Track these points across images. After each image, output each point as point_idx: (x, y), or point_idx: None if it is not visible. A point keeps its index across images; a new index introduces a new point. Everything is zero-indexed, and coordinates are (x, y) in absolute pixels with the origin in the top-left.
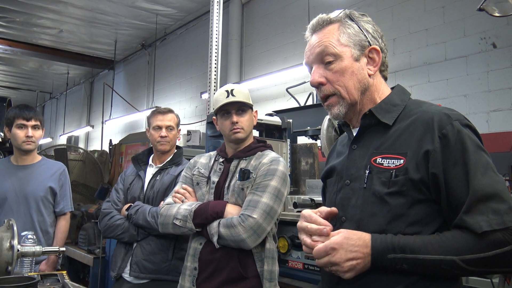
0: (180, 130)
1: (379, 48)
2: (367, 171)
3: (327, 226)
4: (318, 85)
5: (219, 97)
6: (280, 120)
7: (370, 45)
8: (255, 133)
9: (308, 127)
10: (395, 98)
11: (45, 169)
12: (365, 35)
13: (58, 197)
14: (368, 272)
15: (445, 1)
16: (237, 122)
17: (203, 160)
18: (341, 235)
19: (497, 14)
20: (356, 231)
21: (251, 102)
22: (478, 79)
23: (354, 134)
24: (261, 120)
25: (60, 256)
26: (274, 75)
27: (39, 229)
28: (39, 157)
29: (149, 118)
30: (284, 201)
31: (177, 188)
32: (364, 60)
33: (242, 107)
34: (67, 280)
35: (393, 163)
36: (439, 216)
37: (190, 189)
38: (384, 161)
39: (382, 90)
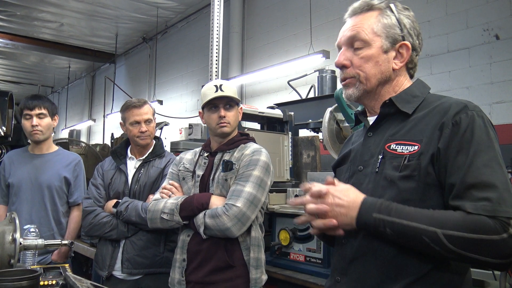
0: (156, 118)
1: (410, 45)
2: (380, 156)
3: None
4: (342, 67)
5: (208, 91)
6: (281, 113)
7: (403, 40)
8: (257, 126)
9: (310, 120)
10: (415, 90)
11: (61, 159)
12: (401, 29)
13: (72, 187)
14: (379, 260)
15: None
16: (224, 116)
17: (189, 156)
18: (338, 187)
19: None
20: (358, 191)
21: (238, 98)
22: (481, 71)
23: (370, 123)
24: (263, 112)
25: (72, 246)
26: (276, 68)
27: (52, 219)
28: (55, 147)
29: (123, 112)
30: (267, 190)
31: (164, 184)
32: (392, 53)
33: (230, 102)
34: (69, 273)
35: (407, 149)
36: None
37: (176, 184)
38: (398, 147)
39: (404, 85)
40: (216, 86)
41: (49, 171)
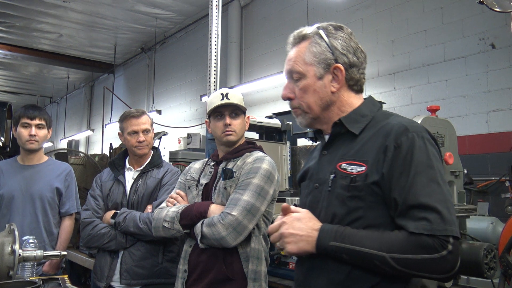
0: (154, 129)
1: (342, 67)
2: (332, 175)
3: None
4: (287, 99)
5: (214, 99)
6: (279, 123)
7: (336, 63)
8: (255, 135)
9: (308, 129)
10: (364, 109)
11: (52, 169)
12: (332, 52)
13: (64, 197)
14: (335, 274)
15: (444, 2)
16: (230, 125)
17: (197, 165)
18: (293, 215)
19: (497, 9)
20: (314, 217)
21: (245, 107)
22: (477, 80)
23: (326, 141)
24: (261, 122)
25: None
26: (274, 77)
27: (43, 230)
28: (45, 157)
29: (121, 122)
30: (269, 199)
31: (171, 193)
32: (329, 77)
33: (236, 111)
34: (68, 284)
35: (355, 170)
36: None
37: (182, 193)
38: (348, 167)
39: (351, 103)
40: (222, 94)
41: (41, 182)
